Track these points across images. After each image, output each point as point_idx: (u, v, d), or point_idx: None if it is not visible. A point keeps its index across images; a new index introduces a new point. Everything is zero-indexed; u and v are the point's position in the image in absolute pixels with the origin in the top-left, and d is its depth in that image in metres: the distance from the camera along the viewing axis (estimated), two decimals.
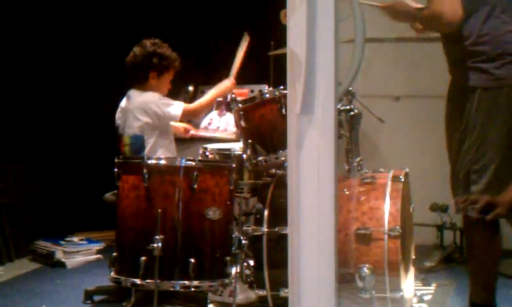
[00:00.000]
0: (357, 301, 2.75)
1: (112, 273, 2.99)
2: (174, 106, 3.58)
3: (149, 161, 2.97)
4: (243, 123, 3.14)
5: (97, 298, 3.60)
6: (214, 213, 2.96)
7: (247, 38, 3.76)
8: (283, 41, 1.68)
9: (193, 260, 2.88)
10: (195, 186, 2.92)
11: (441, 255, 4.20)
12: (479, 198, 2.62)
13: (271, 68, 4.13)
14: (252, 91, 4.30)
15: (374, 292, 2.71)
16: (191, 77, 4.61)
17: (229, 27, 5.13)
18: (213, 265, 2.99)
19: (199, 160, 3.10)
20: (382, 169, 3.04)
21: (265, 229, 2.99)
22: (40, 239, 4.67)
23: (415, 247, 3.24)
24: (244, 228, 3.09)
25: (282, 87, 3.03)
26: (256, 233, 3.02)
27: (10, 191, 4.71)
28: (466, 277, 3.17)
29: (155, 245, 2.82)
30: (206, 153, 3.48)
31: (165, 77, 3.66)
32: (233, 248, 3.06)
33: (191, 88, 4.42)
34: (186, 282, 2.90)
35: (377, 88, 4.52)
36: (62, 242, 4.57)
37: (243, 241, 3.08)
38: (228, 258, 3.02)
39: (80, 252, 4.54)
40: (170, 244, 2.88)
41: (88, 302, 3.56)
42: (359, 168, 3.04)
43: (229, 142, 3.85)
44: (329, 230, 1.55)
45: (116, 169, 3.04)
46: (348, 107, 3.07)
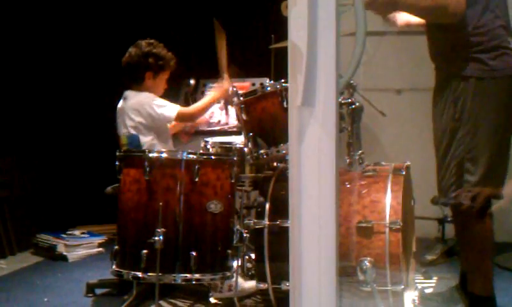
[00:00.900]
0: (358, 294, 2.75)
1: (113, 266, 3.00)
2: (168, 108, 3.56)
3: (150, 154, 2.97)
4: (244, 116, 3.13)
5: (99, 291, 3.61)
6: (216, 206, 2.96)
7: (219, 28, 3.70)
8: (284, 34, 1.67)
9: (194, 253, 2.88)
10: (196, 179, 2.92)
11: (442, 248, 4.20)
12: (482, 191, 2.64)
13: (272, 61, 4.12)
14: (253, 84, 4.30)
15: (375, 285, 2.71)
16: (193, 70, 4.60)
17: (230, 20, 5.13)
18: (214, 258, 2.99)
19: (200, 153, 3.10)
20: (383, 162, 3.04)
21: (266, 222, 2.99)
22: (42, 232, 4.69)
23: (416, 240, 3.24)
24: (246, 221, 3.09)
25: (283, 80, 3.03)
26: (257, 227, 3.02)
27: (12, 185, 4.72)
28: None
29: (156, 238, 2.82)
30: (207, 147, 3.48)
31: (161, 77, 3.66)
32: (234, 241, 3.07)
33: (192, 81, 4.41)
34: (187, 275, 2.90)
35: (378, 81, 4.51)
36: (64, 236, 4.58)
37: (244, 234, 3.09)
38: (230, 251, 3.02)
39: (81, 245, 4.55)
40: (171, 237, 2.88)
41: (90, 295, 3.58)
42: (360, 161, 3.03)
43: (231, 135, 3.86)
44: (330, 223, 1.55)
45: (118, 163, 3.04)
46: (350, 100, 3.06)
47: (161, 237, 2.82)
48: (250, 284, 3.22)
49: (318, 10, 1.50)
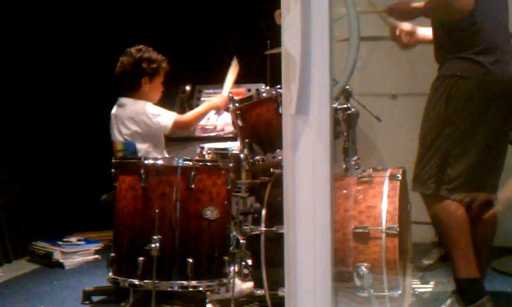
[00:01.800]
0: (355, 300, 2.75)
1: (110, 273, 3.00)
2: (164, 116, 3.56)
3: (146, 161, 2.97)
4: (240, 122, 3.13)
5: (95, 298, 3.60)
6: (212, 212, 2.96)
7: (236, 64, 3.77)
8: (279, 40, 1.67)
9: (191, 260, 2.88)
10: (192, 186, 2.92)
11: (439, 253, 4.19)
12: (477, 196, 2.67)
13: (268, 67, 4.13)
14: (249, 90, 4.30)
15: (372, 291, 2.71)
16: (188, 77, 4.61)
17: (226, 26, 5.14)
18: (211, 265, 2.99)
19: (196, 159, 3.10)
20: (379, 168, 3.04)
21: (263, 228, 2.99)
22: (38, 240, 4.68)
23: (413, 245, 3.24)
24: (242, 228, 3.09)
25: (279, 86, 3.02)
26: (254, 233, 3.01)
27: (8, 192, 4.71)
28: None
29: (152, 245, 2.82)
30: (203, 153, 3.47)
31: (156, 80, 3.66)
32: (231, 248, 3.06)
33: (188, 88, 4.41)
34: (184, 282, 2.90)
35: (374, 87, 4.52)
36: (60, 243, 4.57)
37: (241, 240, 3.08)
38: (226, 258, 3.02)
39: (78, 252, 4.54)
40: (168, 244, 2.88)
41: (86, 302, 3.57)
42: (356, 167, 3.04)
43: (227, 141, 3.85)
44: (325, 230, 1.55)
45: (113, 170, 3.03)
46: (345, 106, 3.07)
47: (157, 244, 2.82)
48: (247, 285, 3.21)
49: (311, 18, 1.50)
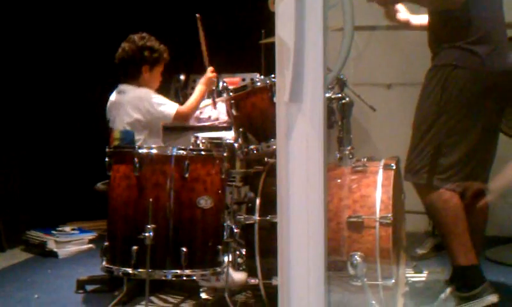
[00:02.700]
0: (349, 289, 2.76)
1: (104, 262, 2.99)
2: (168, 106, 3.56)
3: (140, 150, 2.96)
4: (234, 112, 3.13)
5: (89, 287, 3.60)
6: (206, 202, 2.96)
7: (200, 24, 3.72)
8: (274, 29, 1.67)
9: (185, 249, 2.88)
10: (186, 175, 2.91)
11: (432, 243, 4.21)
12: (470, 185, 2.67)
13: (263, 57, 4.12)
14: (243, 80, 4.30)
15: (366, 280, 2.71)
16: (182, 66, 4.59)
17: (220, 15, 5.11)
18: (205, 254, 2.99)
19: (190, 149, 3.09)
20: (373, 157, 3.04)
21: (257, 217, 2.99)
22: (32, 229, 4.67)
23: (407, 234, 3.25)
24: (236, 217, 3.09)
25: (273, 75, 3.01)
26: (248, 222, 3.02)
27: (1, 181, 4.70)
28: None
29: (146, 234, 2.81)
30: (197, 142, 3.47)
31: (157, 70, 3.67)
32: (225, 237, 3.06)
33: (183, 77, 4.41)
34: (178, 271, 2.89)
35: (368, 76, 4.51)
36: (54, 232, 4.56)
37: (235, 230, 3.08)
38: (220, 247, 3.02)
39: (72, 242, 4.54)
40: (162, 233, 2.87)
41: (80, 291, 3.57)
42: (350, 156, 3.03)
43: (221, 130, 3.85)
44: (318, 218, 1.55)
45: (108, 159, 3.03)
46: (340, 95, 3.06)
47: (151, 233, 2.82)
48: (240, 275, 3.20)
49: (305, 5, 1.49)
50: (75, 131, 5.06)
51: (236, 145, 3.16)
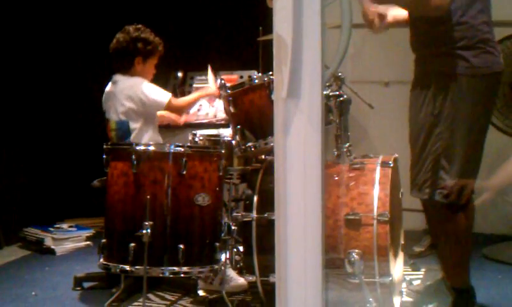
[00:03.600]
0: (346, 286, 2.76)
1: (101, 259, 2.99)
2: (160, 94, 3.58)
3: (138, 147, 2.96)
4: (232, 109, 3.12)
5: (87, 284, 3.60)
6: (203, 199, 2.96)
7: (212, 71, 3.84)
8: (272, 26, 1.66)
9: (182, 246, 2.87)
10: (184, 172, 2.91)
11: (430, 240, 4.21)
12: (460, 184, 2.64)
13: (260, 54, 4.12)
14: (241, 77, 4.29)
15: (363, 277, 2.72)
16: (180, 63, 4.59)
17: (218, 12, 5.11)
18: (202, 251, 2.98)
19: (188, 146, 3.08)
20: (371, 155, 3.04)
21: (254, 215, 2.99)
22: (30, 226, 4.67)
23: (404, 232, 3.25)
24: (234, 214, 3.09)
25: (271, 72, 3.02)
26: (245, 219, 3.02)
27: None
28: None
29: (144, 231, 2.81)
30: (195, 139, 3.47)
31: (150, 62, 3.67)
32: (222, 234, 3.06)
33: (180, 74, 4.40)
34: (175, 268, 2.89)
35: (366, 74, 4.51)
36: (51, 229, 4.56)
37: (232, 227, 3.09)
38: (218, 244, 3.02)
39: (69, 239, 4.54)
40: (159, 230, 2.87)
41: (78, 288, 3.57)
42: (348, 154, 3.04)
43: (219, 128, 3.86)
44: (315, 215, 1.55)
45: (105, 156, 3.02)
46: (337, 93, 3.06)
47: (149, 230, 2.81)
48: (242, 281, 3.20)
49: (303, 2, 1.49)
50: (72, 128, 5.05)
51: (234, 142, 3.16)
